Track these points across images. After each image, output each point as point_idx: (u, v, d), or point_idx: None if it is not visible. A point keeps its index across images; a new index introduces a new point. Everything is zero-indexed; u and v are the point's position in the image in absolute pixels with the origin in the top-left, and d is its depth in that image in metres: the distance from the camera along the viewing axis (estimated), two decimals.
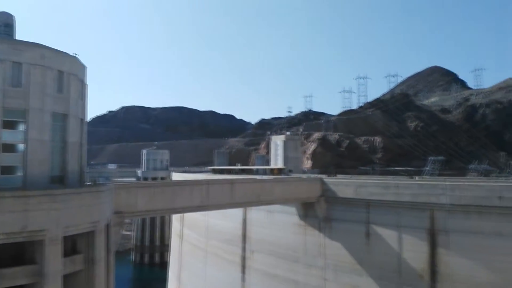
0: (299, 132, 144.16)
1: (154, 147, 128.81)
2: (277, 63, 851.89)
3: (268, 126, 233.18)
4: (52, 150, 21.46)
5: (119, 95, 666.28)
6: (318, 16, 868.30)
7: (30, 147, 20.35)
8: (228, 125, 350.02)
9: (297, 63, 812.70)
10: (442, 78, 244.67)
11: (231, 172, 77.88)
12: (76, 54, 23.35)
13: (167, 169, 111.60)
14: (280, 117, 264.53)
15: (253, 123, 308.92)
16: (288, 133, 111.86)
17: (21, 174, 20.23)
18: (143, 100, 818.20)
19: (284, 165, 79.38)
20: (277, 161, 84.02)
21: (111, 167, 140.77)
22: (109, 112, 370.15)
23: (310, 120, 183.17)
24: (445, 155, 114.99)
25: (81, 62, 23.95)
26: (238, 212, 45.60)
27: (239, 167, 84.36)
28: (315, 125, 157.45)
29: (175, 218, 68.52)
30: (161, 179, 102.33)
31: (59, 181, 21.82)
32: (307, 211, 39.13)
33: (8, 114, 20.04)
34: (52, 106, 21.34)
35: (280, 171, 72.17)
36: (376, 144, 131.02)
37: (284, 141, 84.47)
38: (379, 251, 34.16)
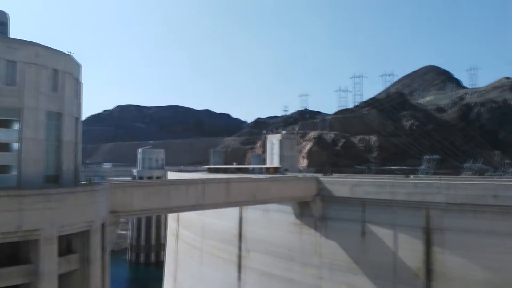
0: (295, 131, 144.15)
1: (150, 146, 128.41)
2: (273, 62, 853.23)
3: (264, 125, 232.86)
4: (47, 149, 21.29)
5: (114, 93, 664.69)
6: (314, 15, 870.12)
7: (25, 146, 20.19)
8: (224, 124, 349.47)
9: (293, 62, 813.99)
10: (437, 77, 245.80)
11: (227, 171, 78.00)
12: (71, 53, 23.19)
13: (162, 168, 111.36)
14: (276, 116, 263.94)
15: (249, 122, 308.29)
16: (284, 132, 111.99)
17: (15, 173, 20.06)
18: (138, 99, 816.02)
19: (280, 164, 79.56)
20: (273, 160, 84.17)
21: (106, 166, 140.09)
22: (104, 111, 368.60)
23: (306, 119, 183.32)
24: (440, 154, 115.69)
25: (76, 61, 23.81)
26: (234, 211, 45.61)
27: (235, 166, 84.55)
28: (311, 124, 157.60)
29: (171, 218, 68.45)
30: (156, 178, 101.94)
31: (54, 180, 21.66)
32: (303, 210, 39.22)
33: (3, 113, 19.87)
34: (46, 104, 21.18)
35: (276, 170, 72.36)
36: (372, 143, 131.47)
37: (280, 140, 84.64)
38: (374, 250, 34.29)
